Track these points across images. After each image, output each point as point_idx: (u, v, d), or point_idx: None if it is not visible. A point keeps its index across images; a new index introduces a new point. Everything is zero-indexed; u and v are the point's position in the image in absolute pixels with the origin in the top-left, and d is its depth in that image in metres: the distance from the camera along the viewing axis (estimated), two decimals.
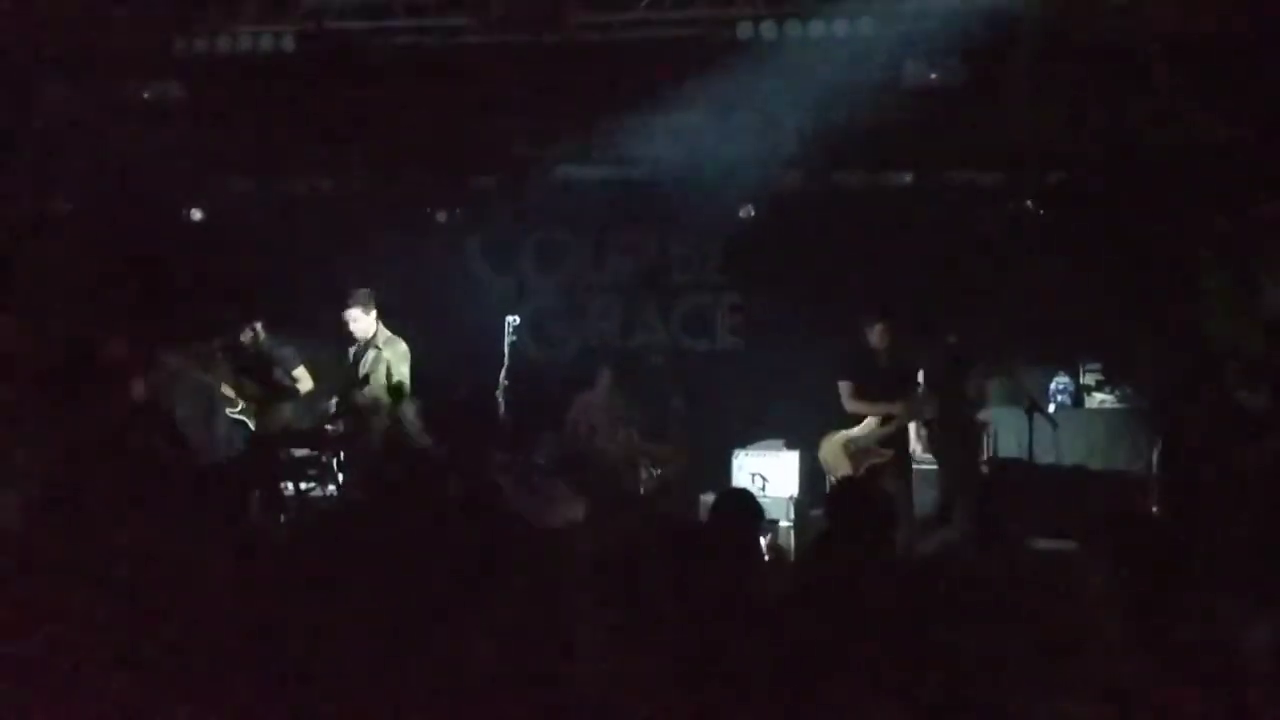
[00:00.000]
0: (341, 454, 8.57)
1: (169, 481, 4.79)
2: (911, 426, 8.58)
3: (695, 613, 3.62)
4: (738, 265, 10.74)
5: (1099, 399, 9.54)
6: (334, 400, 8.63)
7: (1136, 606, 3.75)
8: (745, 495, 5.54)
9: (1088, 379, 9.60)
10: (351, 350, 8.52)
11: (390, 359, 8.30)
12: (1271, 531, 6.33)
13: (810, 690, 3.40)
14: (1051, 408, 9.19)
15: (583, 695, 3.30)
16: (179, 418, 9.32)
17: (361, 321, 8.40)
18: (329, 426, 8.61)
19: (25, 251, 9.67)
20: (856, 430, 8.17)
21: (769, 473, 9.31)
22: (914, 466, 8.54)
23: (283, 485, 8.65)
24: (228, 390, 8.94)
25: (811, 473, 9.31)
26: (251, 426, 8.91)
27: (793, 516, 9.04)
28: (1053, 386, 9.52)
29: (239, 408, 8.94)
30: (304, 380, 8.95)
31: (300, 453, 8.80)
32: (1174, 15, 8.04)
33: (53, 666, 3.46)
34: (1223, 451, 7.90)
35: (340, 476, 8.82)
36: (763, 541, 7.83)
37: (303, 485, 8.72)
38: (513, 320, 9.01)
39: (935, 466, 8.75)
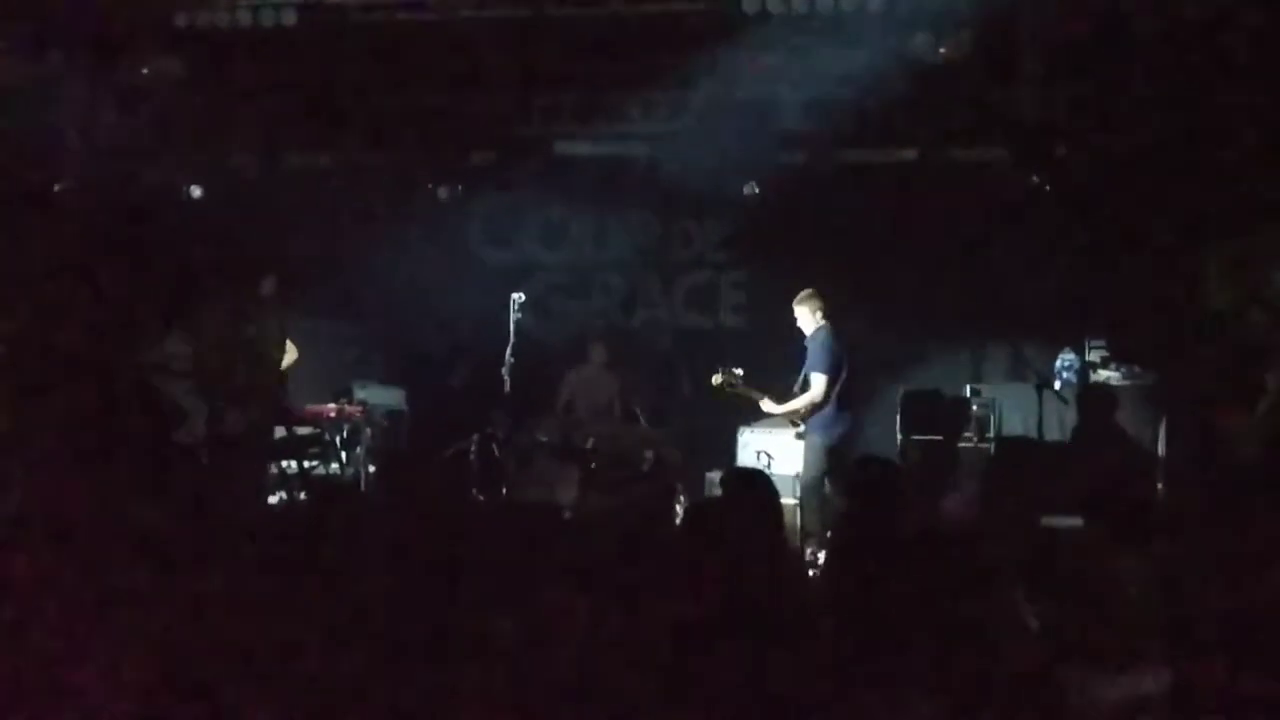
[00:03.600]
0: (345, 431, 8.50)
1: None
2: None
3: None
4: (741, 243, 10.66)
5: (1105, 376, 9.46)
6: None
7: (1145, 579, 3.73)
8: (759, 475, 5.46)
9: (1093, 356, 9.52)
10: None
11: None
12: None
13: (842, 669, 3.38)
14: (1057, 385, 9.14)
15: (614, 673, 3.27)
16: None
17: None
18: None
19: (19, 230, 9.57)
20: None
21: (775, 450, 9.23)
22: None
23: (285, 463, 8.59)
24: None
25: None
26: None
27: (798, 494, 8.98)
28: (1059, 364, 9.45)
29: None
30: (289, 351, 8.85)
31: (303, 430, 8.73)
32: None
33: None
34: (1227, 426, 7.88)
35: (344, 454, 8.76)
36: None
37: (305, 463, 8.67)
38: (518, 297, 8.94)
39: None
